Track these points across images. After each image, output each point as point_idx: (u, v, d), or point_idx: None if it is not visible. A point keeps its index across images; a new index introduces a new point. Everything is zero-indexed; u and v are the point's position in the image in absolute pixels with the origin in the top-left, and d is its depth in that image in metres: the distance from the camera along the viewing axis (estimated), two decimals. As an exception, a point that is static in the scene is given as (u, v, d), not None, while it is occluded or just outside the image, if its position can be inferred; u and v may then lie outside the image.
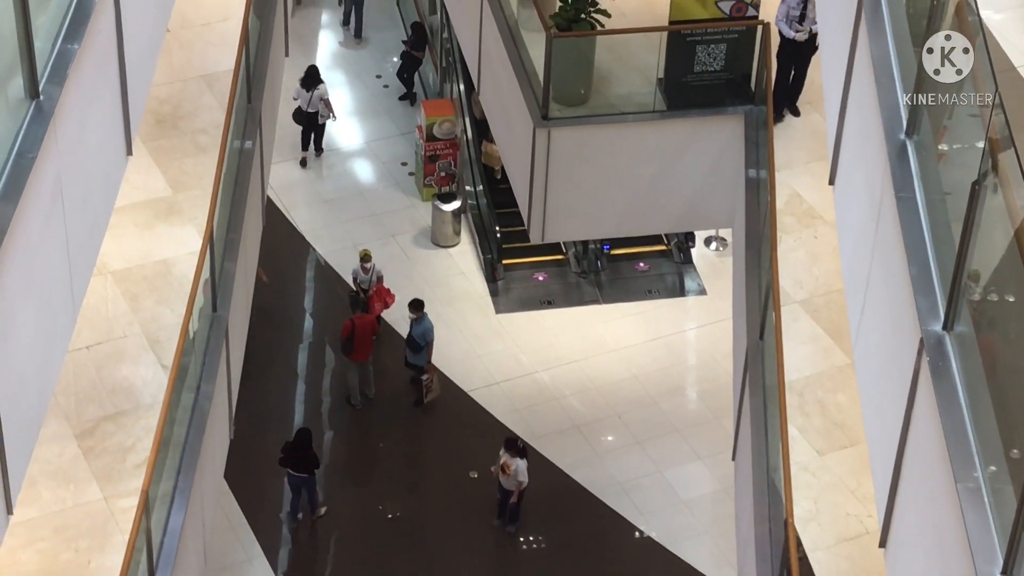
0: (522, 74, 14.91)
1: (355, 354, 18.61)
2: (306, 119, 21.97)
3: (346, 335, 18.53)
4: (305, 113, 21.86)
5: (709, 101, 14.85)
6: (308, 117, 21.92)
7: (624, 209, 15.40)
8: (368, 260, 19.46)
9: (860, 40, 9.60)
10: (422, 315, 18.47)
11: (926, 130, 8.48)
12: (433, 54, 23.33)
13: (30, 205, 7.75)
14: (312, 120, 21.98)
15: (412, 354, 18.63)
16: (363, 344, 18.58)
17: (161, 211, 17.71)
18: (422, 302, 18.53)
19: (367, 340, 18.57)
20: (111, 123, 9.75)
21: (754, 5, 14.89)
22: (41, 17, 8.40)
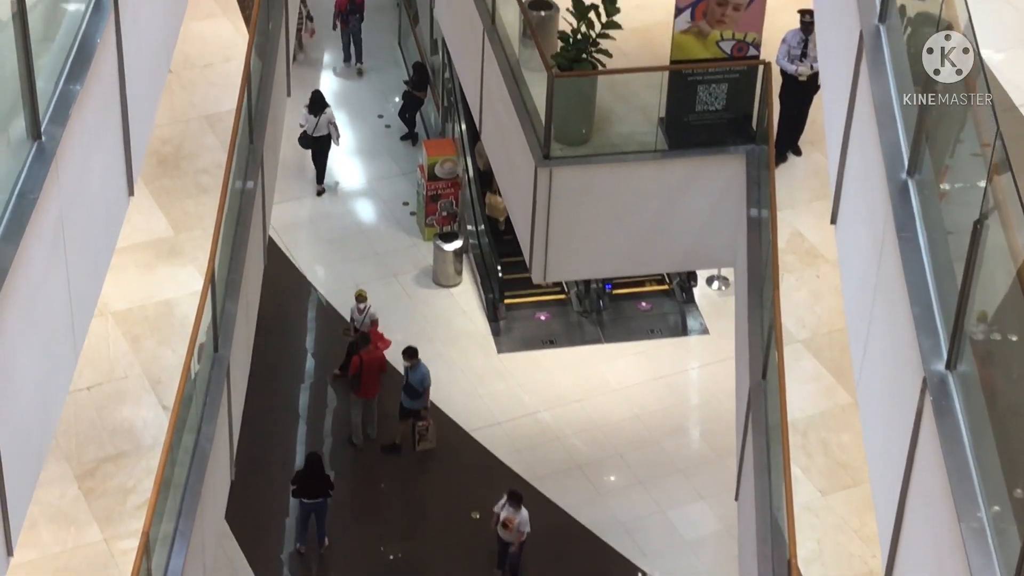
0: (524, 113, 14.93)
1: (362, 391, 18.64)
2: (313, 143, 22.09)
3: (354, 372, 18.57)
4: (312, 138, 21.99)
5: (711, 140, 14.87)
6: (315, 142, 22.04)
7: (626, 248, 15.40)
8: (363, 300, 19.44)
9: (861, 79, 9.61)
10: (417, 362, 18.41)
11: (928, 169, 8.48)
12: (435, 94, 23.38)
13: (32, 246, 7.74)
14: (320, 144, 22.10)
15: (409, 400, 18.55)
16: (371, 381, 18.61)
17: (163, 252, 17.70)
18: (416, 349, 18.47)
19: (375, 377, 18.59)
20: (113, 164, 9.75)
21: (755, 45, 14.91)
22: (44, 57, 8.41)
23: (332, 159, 22.66)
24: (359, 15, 24.42)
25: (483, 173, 21.32)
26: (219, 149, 18.83)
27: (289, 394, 19.54)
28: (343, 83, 24.73)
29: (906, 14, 9.41)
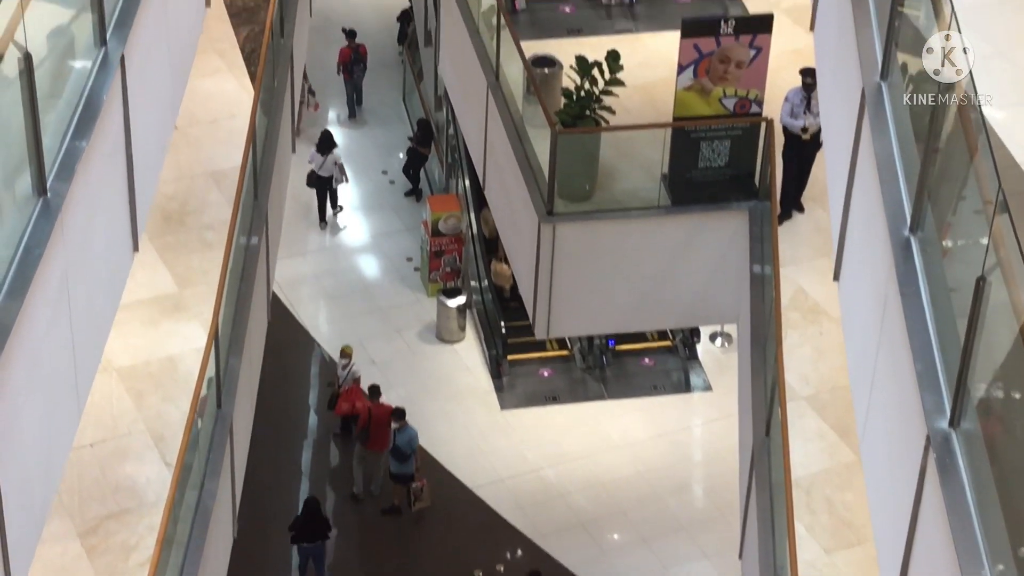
0: (527, 170, 14.98)
1: (371, 443, 18.67)
2: (318, 182, 22.66)
3: (363, 424, 18.59)
4: (318, 177, 22.55)
5: (713, 197, 14.90)
6: (321, 181, 22.62)
7: (629, 305, 15.40)
8: (347, 357, 19.43)
9: (863, 137, 9.65)
10: (404, 424, 18.37)
11: (930, 226, 8.50)
12: (439, 150, 23.46)
13: (36, 301, 7.76)
14: (325, 184, 22.67)
15: (397, 464, 18.48)
16: (379, 434, 18.66)
17: (167, 307, 17.70)
18: (403, 411, 18.44)
19: (384, 430, 18.61)
20: (118, 220, 9.79)
21: (757, 102, 14.97)
22: (50, 114, 8.46)
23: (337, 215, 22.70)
24: (363, 65, 24.59)
25: (489, 240, 21.35)
26: (224, 205, 18.86)
27: (292, 451, 19.50)
28: (348, 138, 24.81)
29: (908, 72, 9.46)
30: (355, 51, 24.48)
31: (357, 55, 24.48)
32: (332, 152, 22.42)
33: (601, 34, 18.51)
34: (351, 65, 24.50)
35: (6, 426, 7.45)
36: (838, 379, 16.13)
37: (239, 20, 22.94)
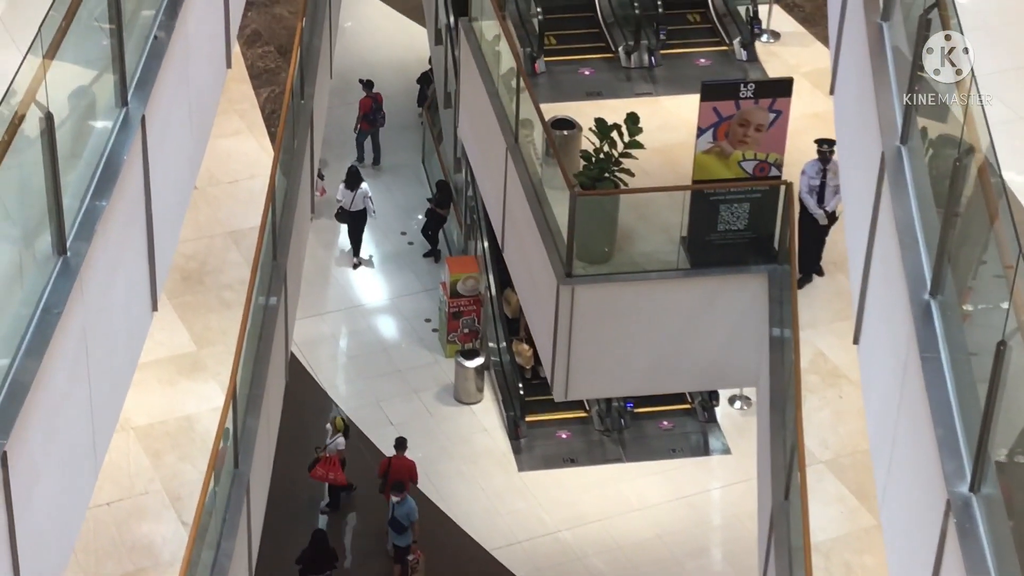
0: (546, 232, 14.98)
1: (388, 494, 18.68)
2: (350, 218, 22.98)
3: (381, 473, 18.75)
4: (348, 213, 22.87)
5: (733, 260, 14.88)
6: (352, 216, 22.92)
7: (648, 367, 15.37)
8: (336, 430, 19.42)
9: (883, 201, 9.65)
10: (404, 496, 18.34)
11: (950, 290, 8.48)
12: (458, 211, 23.51)
13: (55, 360, 7.77)
14: (358, 219, 22.98)
15: (396, 535, 18.43)
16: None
17: (185, 367, 17.73)
18: (404, 484, 18.41)
19: (403, 481, 18.63)
20: (137, 279, 9.81)
21: (777, 165, 14.98)
22: (70, 174, 8.49)
23: (356, 275, 22.77)
24: (383, 113, 24.74)
25: (511, 320, 21.26)
26: (243, 265, 18.92)
27: (308, 511, 19.44)
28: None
29: (928, 136, 9.47)
30: (375, 100, 24.66)
31: (376, 104, 24.68)
32: (360, 187, 22.83)
33: (621, 97, 18.59)
34: (373, 115, 24.67)
35: (24, 485, 7.44)
36: (858, 443, 16.07)
37: (260, 81, 23.10)
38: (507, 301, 21.07)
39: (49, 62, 7.97)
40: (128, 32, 9.47)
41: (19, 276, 8.03)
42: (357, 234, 23.24)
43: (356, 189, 22.73)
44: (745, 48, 19.44)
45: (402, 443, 19.04)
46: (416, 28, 27.17)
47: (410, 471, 18.86)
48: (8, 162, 7.50)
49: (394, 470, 18.69)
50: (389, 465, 18.74)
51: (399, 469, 18.67)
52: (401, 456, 18.85)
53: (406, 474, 18.68)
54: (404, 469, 18.73)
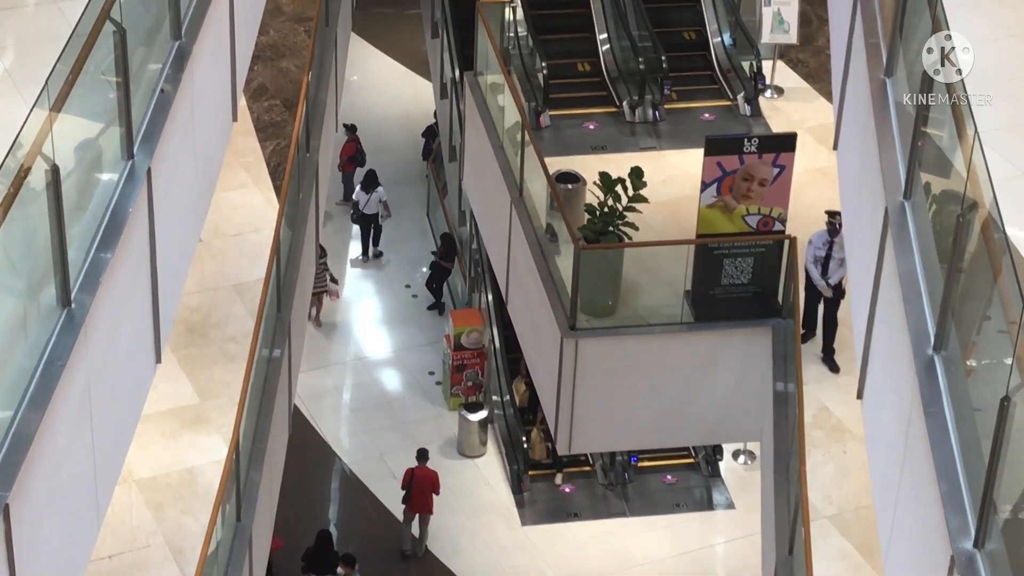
0: (550, 285, 15.00)
1: (412, 506, 19.12)
2: (363, 219, 24.00)
3: (405, 484, 19.18)
4: (363, 214, 23.90)
5: (736, 314, 14.88)
6: (365, 218, 23.94)
7: (652, 421, 15.34)
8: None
9: (887, 256, 9.66)
10: (353, 572, 18.31)
11: (954, 346, 8.48)
12: (462, 264, 23.54)
13: (58, 413, 7.76)
14: (370, 220, 24.01)
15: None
16: (421, 496, 19.09)
17: (188, 419, 17.71)
18: (354, 558, 18.38)
19: (426, 493, 19.05)
20: (141, 331, 9.81)
21: (781, 220, 15.00)
22: (76, 226, 8.51)
23: (360, 328, 22.81)
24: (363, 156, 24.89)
25: (522, 409, 21.11)
26: (247, 318, 18.93)
27: (311, 564, 19.36)
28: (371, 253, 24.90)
29: (931, 191, 9.49)
30: (358, 143, 24.83)
31: (359, 150, 24.90)
32: (376, 190, 23.68)
33: (625, 151, 18.63)
34: (359, 156, 24.89)
35: (26, 537, 7.43)
36: (862, 498, 16.02)
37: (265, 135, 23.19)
38: (516, 390, 20.90)
39: (56, 115, 8.00)
40: (135, 85, 9.52)
41: (23, 328, 8.04)
42: (367, 235, 24.31)
43: (372, 192, 23.71)
44: (749, 103, 19.51)
45: (423, 454, 19.43)
46: (421, 82, 27.28)
47: (433, 482, 19.21)
48: (14, 214, 7.52)
49: (418, 480, 19.06)
50: (413, 476, 19.09)
51: (423, 479, 19.07)
52: (424, 467, 19.22)
53: (429, 484, 19.09)
54: (427, 479, 19.13)
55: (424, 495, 19.12)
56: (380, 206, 23.89)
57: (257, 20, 13.89)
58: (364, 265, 24.36)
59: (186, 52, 10.53)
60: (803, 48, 21.78)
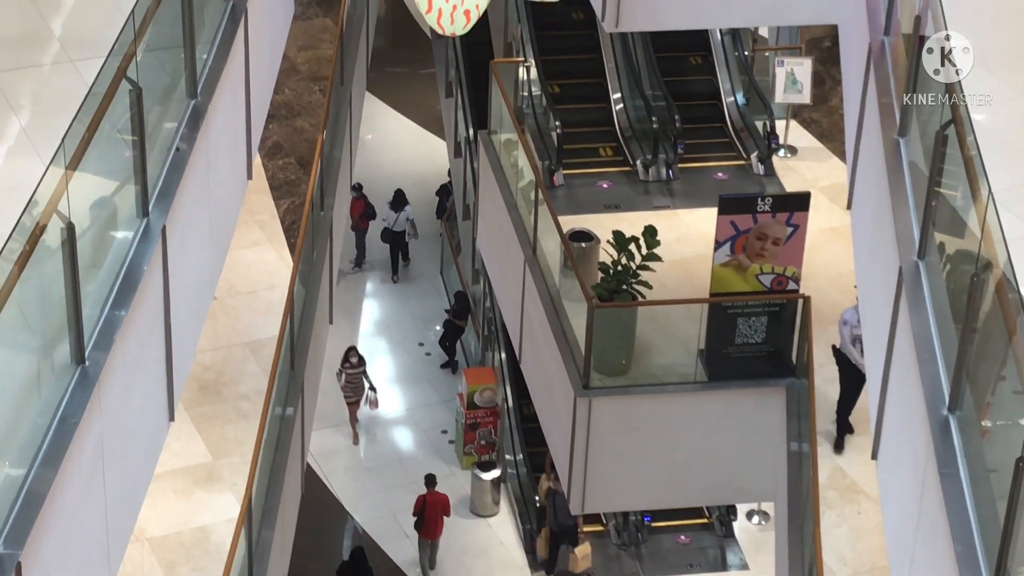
0: (563, 343, 14.99)
1: (425, 531, 19.28)
2: (392, 238, 24.53)
3: (416, 511, 19.30)
4: (392, 233, 24.43)
5: (750, 373, 14.86)
6: (395, 236, 24.48)
7: (665, 480, 15.29)
8: None
9: (901, 316, 9.64)
10: None
11: (969, 406, 8.45)
12: (475, 323, 23.54)
13: (71, 470, 7.75)
14: (399, 239, 24.56)
15: None
16: (433, 521, 19.25)
17: (200, 477, 17.69)
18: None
19: (438, 517, 19.21)
20: (155, 389, 9.81)
21: (794, 279, 15.00)
22: (91, 284, 8.53)
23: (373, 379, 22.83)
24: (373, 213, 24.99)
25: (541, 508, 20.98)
26: (260, 376, 18.94)
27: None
28: (385, 311, 24.93)
29: (945, 251, 9.48)
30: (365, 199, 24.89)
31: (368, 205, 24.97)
32: (405, 208, 24.22)
33: (639, 209, 18.66)
34: (369, 212, 24.96)
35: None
36: (876, 559, 15.94)
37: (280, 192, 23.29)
38: (538, 488, 20.56)
39: (71, 173, 8.04)
40: (150, 143, 9.56)
41: (37, 385, 8.05)
42: (396, 254, 24.84)
43: (400, 211, 24.22)
44: (762, 162, 19.54)
45: (432, 479, 19.61)
46: (435, 140, 27.38)
47: (444, 505, 19.39)
48: (29, 272, 7.54)
49: (430, 506, 19.19)
50: (424, 502, 19.19)
51: (434, 504, 19.22)
52: (434, 492, 19.34)
53: (441, 508, 19.25)
54: (439, 504, 19.32)
55: (437, 520, 19.31)
56: (408, 224, 24.44)
57: (272, 79, 13.96)
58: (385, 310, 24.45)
59: (202, 111, 10.57)
60: (816, 108, 21.83)
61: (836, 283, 17.35)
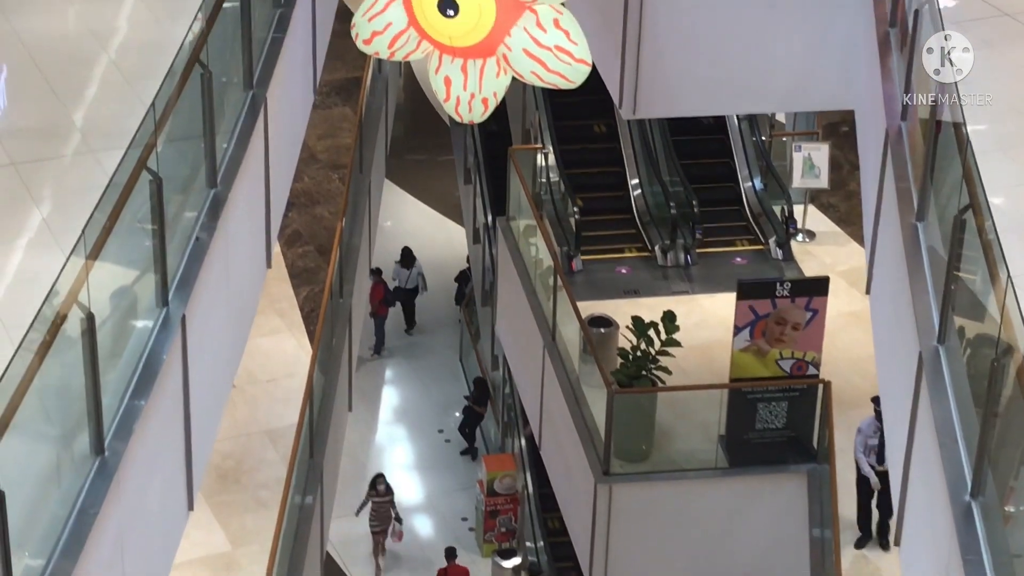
0: (583, 429, 14.96)
1: None
2: (405, 295, 24.80)
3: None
4: (404, 290, 24.74)
5: (771, 458, 14.81)
6: (407, 293, 24.79)
7: (687, 566, 15.21)
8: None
9: (922, 401, 9.60)
10: None
11: (991, 492, 8.39)
12: (495, 409, 23.49)
13: (91, 561, 7.73)
14: (412, 295, 24.85)
15: None
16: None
17: (219, 567, 17.63)
18: None
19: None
20: (174, 479, 9.79)
21: (814, 364, 14.97)
22: (110, 374, 8.54)
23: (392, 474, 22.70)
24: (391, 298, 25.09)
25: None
26: (279, 464, 18.90)
27: None
28: (405, 397, 24.91)
29: (965, 335, 9.45)
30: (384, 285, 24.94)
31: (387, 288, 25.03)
32: (415, 264, 24.57)
33: (657, 295, 18.65)
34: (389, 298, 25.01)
35: None
36: (901, 646, 15.76)
37: (299, 280, 23.34)
38: None
39: (92, 263, 8.07)
40: (170, 233, 9.60)
41: (56, 476, 8.04)
42: (410, 309, 25.10)
43: (411, 268, 24.56)
44: (781, 247, 19.55)
45: (452, 552, 19.63)
46: (454, 227, 27.47)
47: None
48: (49, 362, 7.55)
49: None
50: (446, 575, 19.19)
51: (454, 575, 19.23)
52: (454, 564, 19.33)
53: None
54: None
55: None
56: (419, 279, 24.75)
57: (292, 168, 14.04)
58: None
59: (221, 200, 10.62)
60: (834, 192, 21.86)
61: (856, 368, 17.29)
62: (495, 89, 7.49)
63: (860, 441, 15.96)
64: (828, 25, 12.96)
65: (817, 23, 12.99)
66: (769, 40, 13.24)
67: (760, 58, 13.36)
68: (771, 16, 13.06)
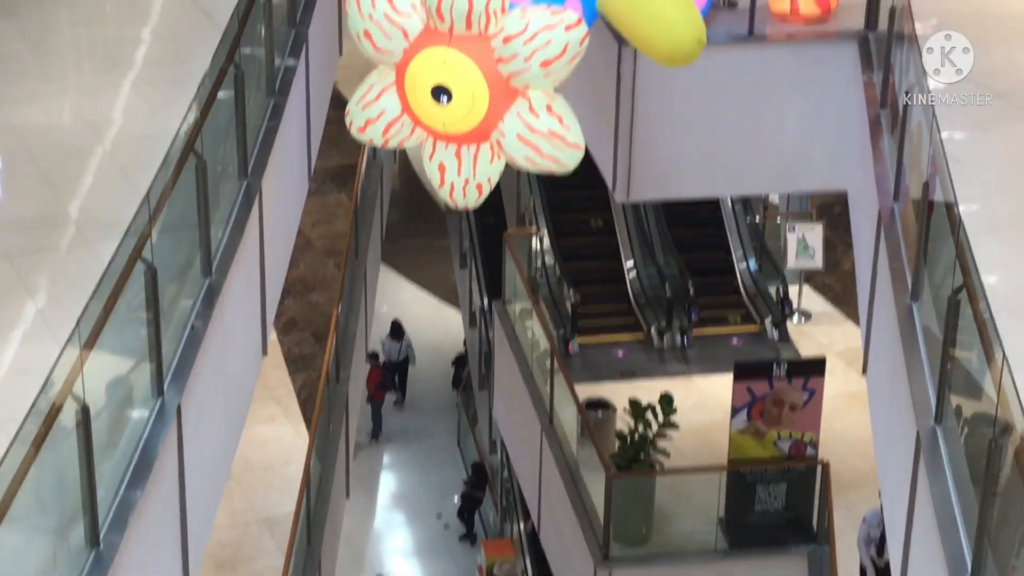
0: (582, 513, 14.90)
1: None
2: (397, 368, 25.06)
3: None
4: (395, 363, 24.97)
5: (771, 540, 14.75)
6: (398, 366, 25.03)
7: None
8: None
9: (920, 481, 9.58)
10: None
11: (991, 571, 8.35)
12: (493, 494, 23.41)
13: (86, 656, 7.66)
14: (404, 366, 25.23)
15: None
16: None
17: (218, 657, 17.48)
18: None
19: None
20: (170, 569, 9.73)
21: (813, 445, 14.95)
22: (105, 464, 8.50)
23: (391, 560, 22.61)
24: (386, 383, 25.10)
25: None
26: (277, 553, 18.77)
27: None
28: (403, 483, 24.82)
29: (962, 415, 9.44)
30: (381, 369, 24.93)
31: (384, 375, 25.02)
32: (404, 337, 24.78)
33: (654, 376, 18.66)
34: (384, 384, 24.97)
35: None
36: None
37: (295, 367, 23.30)
38: None
39: (87, 353, 8.06)
40: (165, 323, 9.59)
41: (53, 569, 7.99)
42: (404, 379, 25.34)
43: (401, 340, 24.76)
44: (777, 328, 19.57)
45: None
46: (450, 311, 27.49)
47: None
48: (44, 454, 7.51)
49: None
50: None
51: None
52: None
53: None
54: None
55: None
56: (410, 350, 24.95)
57: (287, 255, 14.05)
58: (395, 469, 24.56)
59: (216, 289, 10.62)
60: (829, 272, 21.91)
61: (855, 448, 17.26)
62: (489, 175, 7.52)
63: (863, 530, 15.89)
64: (820, 107, 13.04)
65: (809, 106, 13.06)
66: (761, 123, 13.31)
67: (752, 141, 13.42)
68: (763, 99, 13.14)
